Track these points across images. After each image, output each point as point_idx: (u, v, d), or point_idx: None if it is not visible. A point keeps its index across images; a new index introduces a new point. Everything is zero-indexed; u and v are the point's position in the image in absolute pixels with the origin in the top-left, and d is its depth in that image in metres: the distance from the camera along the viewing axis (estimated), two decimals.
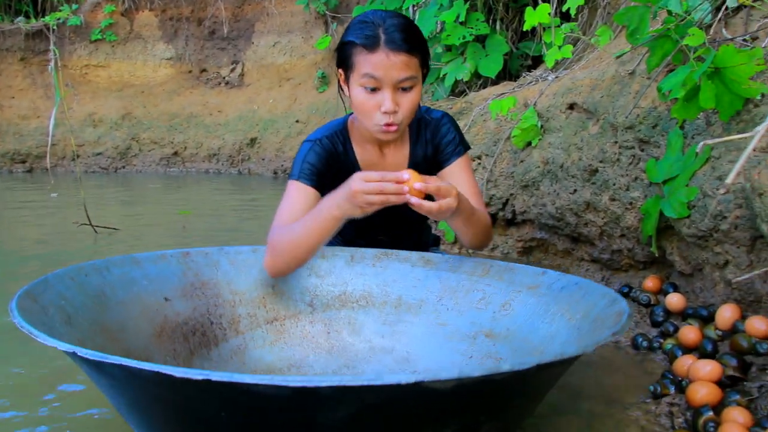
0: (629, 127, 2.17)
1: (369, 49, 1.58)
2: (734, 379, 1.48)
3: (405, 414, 1.03)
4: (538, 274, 1.62)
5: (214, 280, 1.75)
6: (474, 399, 1.07)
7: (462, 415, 1.08)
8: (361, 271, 1.82)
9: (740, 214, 1.69)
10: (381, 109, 1.61)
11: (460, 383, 0.97)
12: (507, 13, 4.11)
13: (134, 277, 1.62)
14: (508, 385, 1.09)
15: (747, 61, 1.55)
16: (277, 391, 0.95)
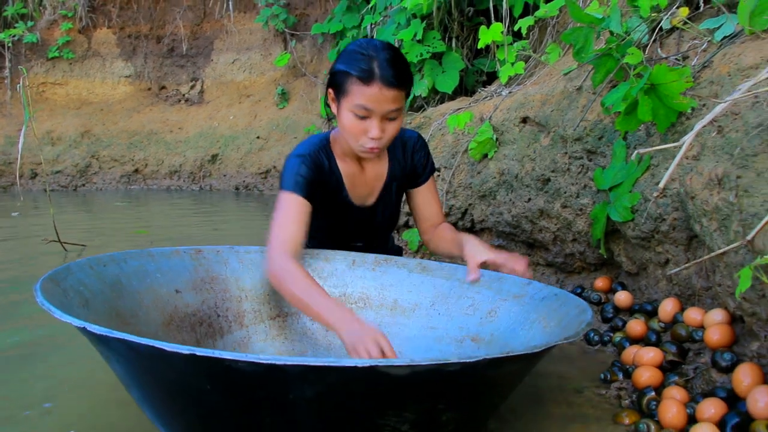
0: (578, 139, 2.34)
1: (364, 82, 1.70)
2: (674, 364, 1.64)
3: (367, 395, 1.14)
4: (524, 284, 1.73)
5: (223, 276, 1.88)
6: (428, 387, 1.16)
7: (420, 402, 1.18)
8: (362, 275, 1.95)
9: (677, 216, 1.86)
10: (368, 135, 1.75)
11: (413, 371, 1.09)
12: (462, 32, 4.28)
13: (149, 270, 1.74)
14: (459, 377, 1.17)
15: (678, 79, 1.72)
16: (252, 368, 1.06)
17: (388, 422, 1.18)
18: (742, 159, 1.52)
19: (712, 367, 1.53)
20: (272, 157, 7.12)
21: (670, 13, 2.15)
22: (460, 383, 1.20)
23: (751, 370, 1.39)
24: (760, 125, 1.50)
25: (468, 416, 1.31)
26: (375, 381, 1.11)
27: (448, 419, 1.25)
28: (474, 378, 1.21)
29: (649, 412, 1.50)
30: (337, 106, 1.81)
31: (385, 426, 1.18)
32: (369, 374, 1.08)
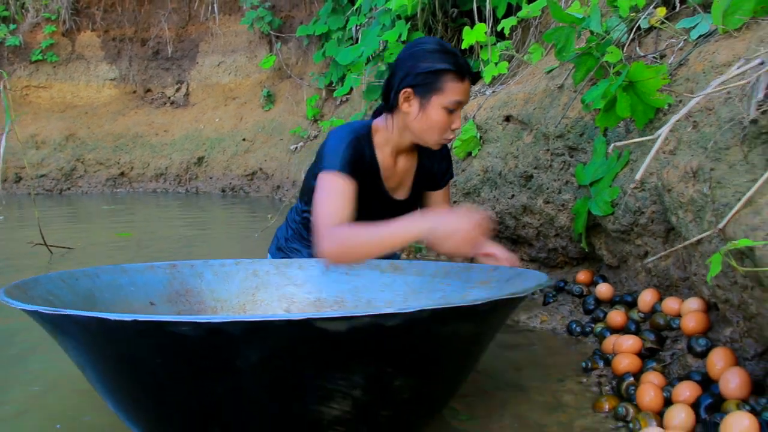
0: (559, 136, 2.40)
1: (459, 78, 1.82)
2: (652, 351, 1.70)
3: (310, 357, 1.14)
4: (490, 270, 1.77)
5: (198, 288, 1.90)
6: (371, 345, 1.15)
7: (366, 364, 1.17)
8: (336, 279, 1.98)
9: (655, 209, 1.91)
10: (452, 127, 1.87)
11: (351, 325, 1.08)
12: (446, 32, 4.33)
13: (122, 284, 1.75)
14: (402, 333, 1.15)
15: (654, 76, 1.78)
16: (194, 330, 1.07)
17: (337, 387, 1.17)
18: (715, 152, 1.58)
19: (687, 352, 1.58)
20: (258, 159, 7.15)
21: (648, 12, 2.21)
22: (405, 342, 1.18)
23: (724, 354, 1.45)
24: (732, 120, 1.56)
25: (425, 385, 1.30)
26: (315, 339, 1.11)
27: (402, 386, 1.24)
28: (419, 336, 1.20)
29: (627, 396, 1.55)
30: (417, 103, 1.85)
31: (335, 391, 1.17)
32: (306, 329, 1.07)
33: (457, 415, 1.60)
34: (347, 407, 1.20)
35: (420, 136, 1.91)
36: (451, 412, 1.60)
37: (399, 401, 1.26)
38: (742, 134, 1.51)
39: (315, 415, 1.20)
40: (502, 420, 1.56)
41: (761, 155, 1.46)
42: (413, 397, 1.28)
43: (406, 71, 1.87)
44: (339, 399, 1.19)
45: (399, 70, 1.89)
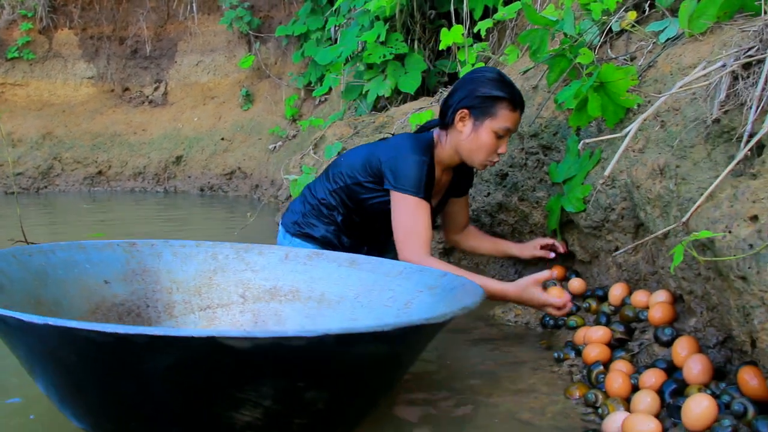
0: (534, 135, 2.46)
1: (513, 108, 2.06)
2: (621, 341, 1.76)
3: (218, 368, 1.16)
4: (440, 276, 1.77)
5: (155, 268, 1.90)
6: (277, 362, 1.17)
7: (276, 377, 1.19)
8: (293, 269, 1.97)
9: (625, 206, 1.98)
10: (498, 151, 2.10)
11: (255, 344, 1.10)
12: (424, 34, 4.39)
13: (78, 261, 1.75)
14: (308, 352, 1.17)
15: (624, 77, 1.85)
16: (104, 338, 1.10)
17: (248, 396, 1.19)
18: (681, 150, 1.65)
19: (654, 342, 1.65)
20: (237, 158, 7.15)
21: (619, 16, 2.28)
22: (312, 360, 1.20)
23: (687, 343, 1.51)
24: (697, 119, 1.63)
25: (340, 398, 1.31)
26: (221, 353, 1.12)
27: (315, 398, 1.26)
28: (328, 355, 1.21)
29: (597, 383, 1.61)
30: (471, 125, 2.08)
31: (246, 400, 1.20)
32: (210, 346, 1.10)
33: (425, 399, 1.65)
34: (258, 414, 1.22)
35: (468, 155, 2.13)
36: (423, 399, 1.66)
37: (313, 411, 1.28)
38: (705, 133, 1.59)
39: (227, 421, 1.22)
40: (474, 406, 1.62)
41: (723, 153, 1.53)
42: (328, 408, 1.30)
43: (465, 93, 2.08)
44: (249, 407, 1.21)
45: (459, 91, 2.11)
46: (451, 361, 1.93)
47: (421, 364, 1.92)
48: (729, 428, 1.21)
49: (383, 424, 1.54)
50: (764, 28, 1.44)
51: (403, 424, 1.56)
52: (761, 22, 1.48)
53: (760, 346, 1.19)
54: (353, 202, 2.23)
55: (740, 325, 1.28)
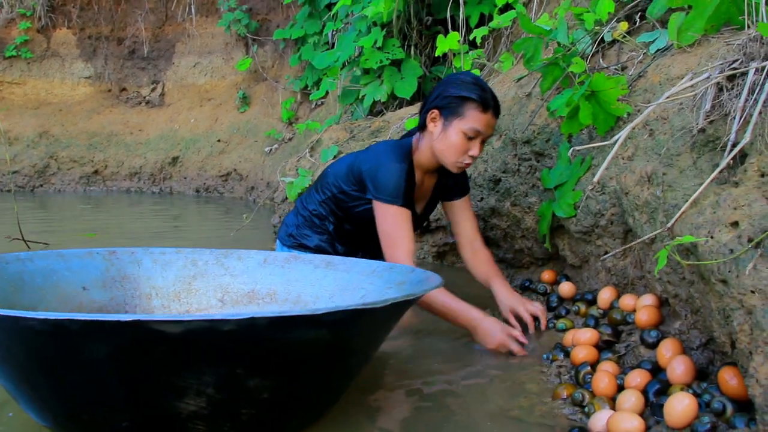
0: (527, 142, 2.51)
1: (482, 110, 2.07)
2: (609, 343, 1.81)
3: (156, 356, 1.17)
4: (408, 272, 1.78)
5: (135, 275, 1.93)
6: (213, 347, 1.17)
7: (214, 364, 1.20)
8: (271, 272, 1.99)
9: (614, 212, 2.03)
10: (469, 153, 2.10)
11: (186, 327, 1.12)
12: (420, 40, 4.44)
13: (56, 269, 1.77)
14: (241, 338, 1.17)
15: (614, 86, 1.91)
16: (42, 326, 1.13)
17: (189, 384, 1.20)
18: (668, 158, 1.71)
19: (640, 344, 1.70)
20: (233, 160, 7.19)
21: (611, 26, 2.34)
22: (248, 345, 1.20)
23: (672, 345, 1.56)
24: (683, 128, 1.69)
25: (288, 387, 1.32)
26: (154, 339, 1.14)
27: (259, 386, 1.26)
28: (262, 340, 1.21)
29: (584, 384, 1.66)
30: (441, 125, 2.11)
31: (187, 388, 1.20)
32: (142, 331, 1.12)
33: (419, 397, 1.70)
34: (203, 404, 1.23)
35: (440, 155, 2.16)
36: (414, 395, 1.70)
37: (260, 401, 1.28)
38: (691, 142, 1.64)
39: (171, 410, 1.23)
40: (465, 404, 1.66)
41: (708, 161, 1.59)
42: (276, 398, 1.30)
43: (437, 94, 2.14)
44: (192, 395, 1.22)
45: (433, 93, 2.16)
46: (442, 361, 1.97)
47: (413, 362, 1.97)
48: (708, 425, 1.26)
49: (373, 420, 1.59)
50: (748, 42, 1.49)
51: (393, 419, 1.60)
52: (745, 36, 1.53)
53: (739, 346, 1.24)
54: (342, 210, 2.31)
55: (721, 327, 1.34)
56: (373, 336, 1.47)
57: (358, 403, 1.65)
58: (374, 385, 1.78)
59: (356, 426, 1.55)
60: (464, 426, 1.56)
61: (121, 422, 1.27)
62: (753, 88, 1.45)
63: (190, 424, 1.26)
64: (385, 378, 1.86)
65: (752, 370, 1.17)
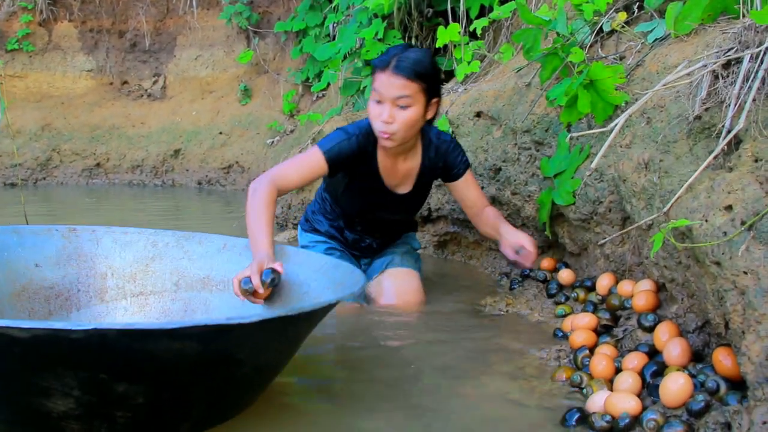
0: (526, 131, 2.54)
1: (380, 69, 2.05)
2: (607, 327, 1.85)
3: (14, 358, 1.16)
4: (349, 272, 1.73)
5: (92, 253, 1.91)
6: (65, 353, 1.15)
7: (73, 369, 1.17)
8: (229, 259, 1.95)
9: (612, 199, 2.06)
10: (381, 119, 2.05)
11: (32, 334, 1.10)
12: (421, 31, 4.46)
13: (9, 244, 1.77)
14: (93, 346, 1.14)
15: (612, 75, 1.93)
16: None
17: (52, 386, 1.18)
18: (664, 145, 1.74)
19: (638, 327, 1.74)
20: (234, 152, 7.21)
21: (610, 16, 2.36)
22: (103, 354, 1.16)
23: (668, 327, 1.60)
24: (680, 116, 1.72)
25: (167, 393, 1.28)
26: (6, 341, 1.11)
27: (130, 392, 1.23)
28: (118, 350, 1.16)
29: (582, 366, 1.70)
30: None
31: (52, 389, 1.19)
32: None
33: (416, 382, 1.74)
34: (72, 405, 1.21)
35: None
36: (409, 378, 1.74)
37: (136, 405, 1.25)
38: (687, 129, 1.67)
39: (42, 409, 1.22)
40: (465, 388, 1.70)
41: (704, 148, 1.62)
42: (154, 403, 1.27)
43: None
44: (60, 396, 1.20)
45: None
46: (443, 348, 2.00)
47: (410, 347, 2.00)
48: (702, 403, 1.29)
49: (370, 404, 1.62)
50: (743, 30, 1.52)
51: (391, 403, 1.63)
52: (740, 24, 1.56)
53: (732, 326, 1.27)
54: (337, 194, 2.38)
55: (715, 309, 1.37)
56: (259, 347, 1.37)
57: (349, 384, 1.70)
58: (369, 368, 1.82)
59: (351, 411, 1.58)
60: (464, 407, 1.60)
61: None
62: (747, 76, 1.48)
63: (63, 423, 1.25)
64: (382, 361, 1.90)
65: (744, 348, 1.20)
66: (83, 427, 1.26)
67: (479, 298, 2.48)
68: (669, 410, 1.37)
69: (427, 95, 2.09)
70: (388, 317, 2.28)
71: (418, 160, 2.30)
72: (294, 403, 1.63)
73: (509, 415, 1.55)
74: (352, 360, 1.93)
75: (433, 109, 2.18)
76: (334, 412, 1.58)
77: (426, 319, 2.28)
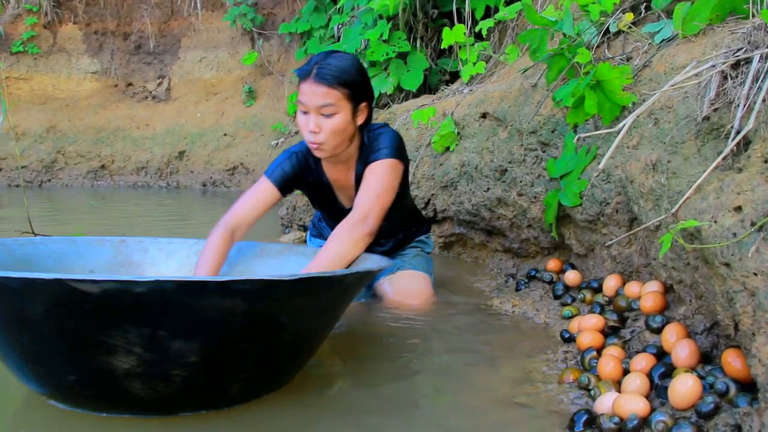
0: (532, 132, 2.53)
1: (302, 79, 2.01)
2: (614, 329, 1.84)
3: (84, 314, 1.24)
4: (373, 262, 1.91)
5: (140, 261, 2.07)
6: (130, 308, 1.24)
7: (137, 325, 1.27)
8: (265, 263, 2.14)
9: (619, 200, 2.06)
10: (308, 129, 2.02)
11: (101, 288, 1.19)
12: (426, 33, 4.47)
13: (66, 253, 1.91)
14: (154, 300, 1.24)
15: (619, 76, 1.93)
16: None
17: (117, 342, 1.27)
18: (672, 146, 1.73)
19: (645, 329, 1.73)
20: (239, 154, 7.23)
21: (617, 17, 2.35)
22: (163, 307, 1.25)
23: (676, 329, 1.59)
24: (688, 116, 1.71)
25: (216, 353, 1.36)
26: (78, 298, 1.20)
27: (184, 349, 1.31)
28: (175, 304, 1.26)
29: (590, 368, 1.69)
30: None
31: (117, 347, 1.27)
32: (65, 290, 1.19)
33: (423, 386, 1.73)
34: (134, 362, 1.30)
35: None
36: (417, 383, 1.73)
37: (189, 364, 1.33)
38: (696, 130, 1.66)
39: (107, 367, 1.30)
40: (471, 391, 1.68)
41: (712, 149, 1.61)
42: (206, 363, 1.35)
43: None
44: (123, 354, 1.28)
45: None
46: (449, 350, 2.00)
47: (420, 350, 2.00)
48: (712, 405, 1.29)
49: (377, 406, 1.61)
50: (752, 30, 1.51)
51: (398, 407, 1.63)
52: (749, 24, 1.55)
53: (742, 328, 1.27)
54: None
55: (724, 310, 1.36)
56: (298, 312, 1.45)
57: (357, 386, 1.69)
58: (375, 372, 1.82)
59: (351, 411, 1.58)
60: (471, 413, 1.58)
61: (69, 376, 1.36)
62: (757, 76, 1.47)
63: (126, 381, 1.33)
64: (388, 365, 1.89)
65: (755, 350, 1.20)
66: (144, 386, 1.34)
67: (485, 299, 2.47)
68: (678, 412, 1.36)
69: (352, 101, 2.03)
70: (394, 317, 2.28)
71: (353, 168, 2.23)
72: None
73: (516, 418, 1.54)
74: (354, 358, 1.93)
75: (363, 113, 2.11)
76: (335, 412, 1.57)
77: (431, 320, 2.27)
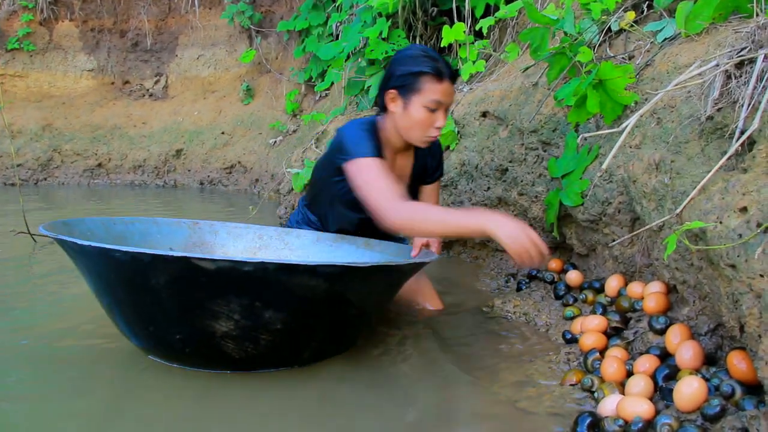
0: (533, 131, 2.52)
1: (438, 79, 2.03)
2: (617, 330, 1.83)
3: (198, 285, 1.52)
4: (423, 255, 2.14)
5: (211, 242, 2.36)
6: (236, 281, 1.51)
7: (238, 295, 1.54)
8: (321, 249, 2.36)
9: (622, 200, 2.05)
10: (435, 125, 2.08)
11: (216, 265, 1.47)
12: (426, 31, 4.45)
13: (151, 232, 2.23)
14: (258, 277, 1.50)
15: (622, 75, 1.91)
16: (122, 256, 1.50)
17: (221, 309, 1.56)
18: (675, 146, 1.72)
19: (649, 330, 1.72)
20: (237, 152, 7.20)
21: (618, 16, 2.34)
22: (262, 283, 1.53)
23: (680, 330, 1.58)
24: (691, 116, 1.70)
25: (296, 323, 1.65)
26: (196, 272, 1.48)
27: (273, 318, 1.60)
28: (272, 280, 1.53)
29: (593, 369, 1.68)
30: (401, 103, 2.08)
31: (220, 313, 1.56)
32: (187, 265, 1.47)
33: (425, 389, 1.71)
34: (232, 326, 1.58)
35: (406, 134, 2.13)
36: (419, 388, 1.72)
37: (275, 330, 1.62)
38: (699, 129, 1.65)
39: (210, 328, 1.59)
40: (474, 396, 1.67)
41: (716, 149, 1.60)
42: (288, 329, 1.64)
43: (389, 74, 2.11)
44: (225, 319, 1.57)
45: (386, 73, 2.14)
46: (450, 351, 1.99)
47: (423, 352, 1.98)
48: (717, 407, 1.28)
49: (385, 405, 1.60)
50: (756, 29, 1.50)
51: (402, 408, 1.62)
52: (753, 23, 1.54)
53: (748, 330, 1.26)
54: (332, 206, 2.32)
55: (730, 312, 1.35)
56: (365, 293, 1.75)
57: (355, 386, 1.69)
58: (372, 368, 1.80)
59: (352, 410, 1.56)
60: (474, 417, 1.57)
61: (175, 335, 1.65)
62: (761, 76, 1.46)
63: (223, 342, 1.62)
64: (386, 364, 1.88)
65: (762, 352, 1.19)
66: (237, 347, 1.64)
67: (486, 299, 2.46)
68: (683, 414, 1.35)
69: None
70: (394, 317, 2.27)
71: (411, 158, 2.31)
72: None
73: (519, 421, 1.53)
74: (355, 359, 1.91)
75: None
76: (336, 414, 1.56)
77: (432, 321, 2.26)
